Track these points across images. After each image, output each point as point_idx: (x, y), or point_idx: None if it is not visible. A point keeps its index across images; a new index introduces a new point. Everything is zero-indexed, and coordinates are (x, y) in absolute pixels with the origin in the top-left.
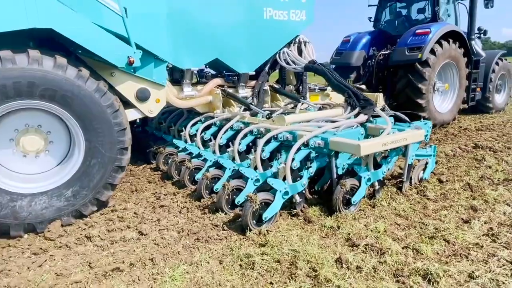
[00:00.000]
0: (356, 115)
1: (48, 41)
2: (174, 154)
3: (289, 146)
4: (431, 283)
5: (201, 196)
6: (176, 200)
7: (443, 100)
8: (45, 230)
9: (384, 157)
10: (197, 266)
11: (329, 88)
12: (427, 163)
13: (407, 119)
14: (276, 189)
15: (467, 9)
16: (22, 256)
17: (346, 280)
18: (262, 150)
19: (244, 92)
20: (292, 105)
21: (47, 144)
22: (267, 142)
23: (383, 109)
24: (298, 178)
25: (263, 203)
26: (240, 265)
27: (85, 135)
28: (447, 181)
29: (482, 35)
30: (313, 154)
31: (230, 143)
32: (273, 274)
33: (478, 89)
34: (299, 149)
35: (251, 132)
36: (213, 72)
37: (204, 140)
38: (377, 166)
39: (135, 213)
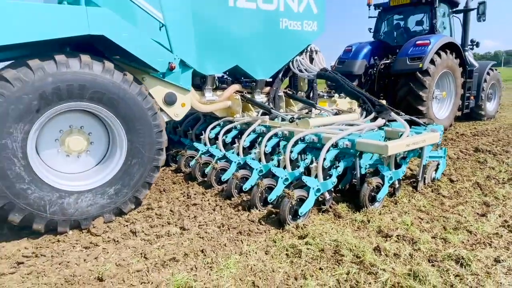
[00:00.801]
0: (372, 120)
1: (79, 46)
2: (194, 157)
3: (314, 147)
4: (463, 266)
5: (231, 195)
6: (206, 199)
7: (440, 107)
8: (89, 226)
9: (403, 158)
10: (246, 256)
11: (336, 95)
12: (438, 164)
13: (421, 122)
14: (310, 186)
15: (461, 22)
16: (74, 250)
17: (388, 265)
18: (291, 151)
19: (259, 98)
20: (306, 110)
21: (89, 144)
22: (295, 143)
23: (398, 114)
24: (328, 177)
25: (298, 199)
26: (287, 254)
27: (127, 136)
28: (457, 180)
29: (474, 47)
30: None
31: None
32: (320, 261)
33: (472, 97)
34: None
35: (275, 134)
36: (229, 78)
37: (225, 143)
38: (396, 166)
39: (171, 210)
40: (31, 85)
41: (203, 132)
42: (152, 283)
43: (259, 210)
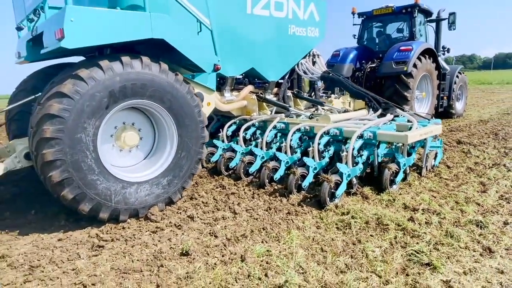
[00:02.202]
0: (379, 116)
1: (114, 48)
2: (214, 153)
3: (336, 139)
4: (482, 228)
5: (264, 184)
6: (242, 188)
7: (420, 106)
8: (145, 214)
9: (412, 147)
10: (303, 230)
11: (333, 96)
12: (436, 153)
13: (425, 117)
14: (343, 172)
15: (434, 30)
16: (143, 234)
17: (425, 230)
18: (318, 144)
19: (270, 97)
20: (313, 109)
21: (139, 139)
22: (321, 137)
23: (402, 110)
24: (355, 164)
25: (335, 183)
26: (337, 227)
27: (178, 131)
28: (453, 166)
29: (446, 52)
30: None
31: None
32: (368, 231)
33: (445, 98)
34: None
35: (298, 130)
36: (246, 79)
37: (245, 139)
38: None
39: (214, 198)
40: (102, 84)
41: (220, 130)
42: (235, 254)
43: (295, 195)
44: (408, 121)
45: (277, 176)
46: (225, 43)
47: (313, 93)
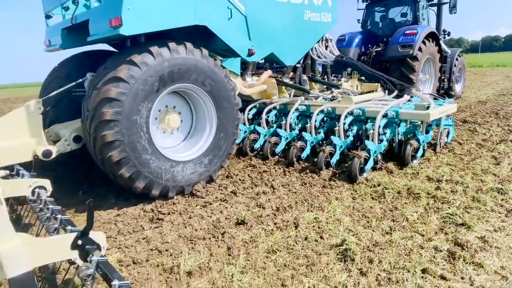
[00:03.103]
0: (395, 97)
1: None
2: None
3: (359, 120)
4: (503, 194)
5: (293, 163)
6: (272, 167)
7: (422, 88)
8: (190, 191)
9: (429, 125)
10: (341, 201)
11: (343, 79)
12: (449, 131)
13: (440, 97)
14: (370, 148)
15: (435, 14)
16: (195, 208)
17: (453, 197)
18: (344, 123)
19: (287, 81)
20: (328, 91)
21: (180, 122)
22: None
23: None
24: (380, 141)
25: (364, 159)
26: (372, 197)
27: (217, 113)
28: (463, 143)
29: (446, 36)
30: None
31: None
32: (401, 199)
33: (446, 80)
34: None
35: (321, 111)
36: (266, 64)
37: (267, 121)
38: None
39: (249, 176)
40: (153, 69)
41: (241, 114)
42: (287, 221)
43: (325, 171)
44: (424, 101)
45: (304, 155)
46: (251, 29)
47: (325, 77)
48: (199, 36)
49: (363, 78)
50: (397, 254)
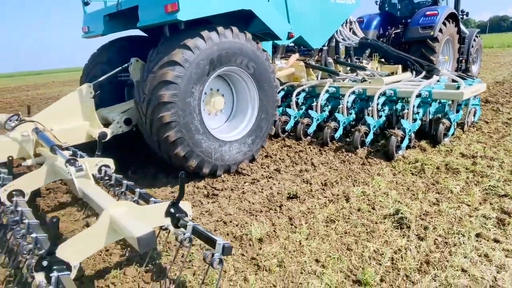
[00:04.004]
0: (424, 77)
1: None
2: None
3: (391, 100)
4: None
5: (327, 143)
6: (307, 147)
7: (442, 69)
8: (235, 169)
9: (459, 105)
10: (383, 176)
11: (364, 61)
12: (475, 110)
13: (468, 77)
14: (405, 127)
15: None
16: (244, 185)
17: (490, 171)
18: (378, 104)
19: (316, 64)
20: (354, 73)
21: (224, 104)
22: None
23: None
24: (413, 121)
25: (400, 138)
26: (412, 173)
27: (259, 95)
28: (490, 122)
29: (465, 16)
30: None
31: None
32: (441, 174)
33: (463, 61)
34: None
35: (353, 92)
36: (295, 47)
37: (297, 103)
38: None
39: (287, 155)
40: (205, 53)
41: None
42: (337, 195)
43: (360, 150)
44: (453, 81)
45: (337, 135)
46: (290, 12)
47: (348, 59)
48: (239, 20)
49: (382, 60)
50: (448, 222)
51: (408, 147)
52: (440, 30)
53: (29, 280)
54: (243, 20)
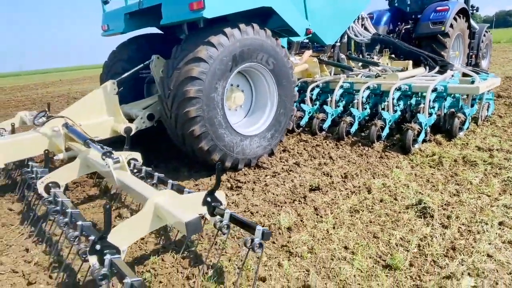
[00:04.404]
0: (437, 72)
1: None
2: None
3: (406, 95)
4: None
5: (342, 137)
6: (323, 141)
7: None
8: (255, 163)
9: (473, 99)
10: (402, 169)
11: (375, 57)
12: (489, 104)
13: (482, 72)
14: (422, 121)
15: None
16: (266, 178)
17: (508, 163)
18: (393, 98)
19: (330, 60)
20: (367, 69)
21: (244, 99)
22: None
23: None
24: (429, 115)
25: (417, 131)
26: (430, 166)
27: (278, 90)
28: (503, 116)
29: (475, 11)
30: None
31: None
32: (459, 167)
33: (473, 56)
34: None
35: (367, 87)
36: (309, 43)
37: (311, 99)
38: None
39: (304, 149)
40: (227, 49)
41: None
42: (358, 187)
43: (378, 144)
44: (465, 75)
45: (353, 129)
46: (308, 9)
47: (360, 55)
48: (256, 17)
49: (393, 56)
50: (470, 211)
51: (424, 141)
52: (451, 26)
53: (73, 266)
54: (261, 17)
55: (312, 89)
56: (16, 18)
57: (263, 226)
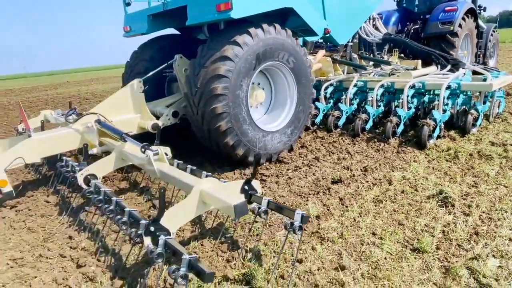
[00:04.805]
0: (449, 71)
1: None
2: None
3: (420, 92)
4: None
5: (358, 134)
6: (338, 139)
7: None
8: (276, 158)
9: (485, 96)
10: (419, 163)
11: (385, 56)
12: (500, 102)
13: (493, 70)
14: (436, 117)
15: None
16: (288, 172)
17: None
18: (408, 96)
19: (344, 60)
20: (378, 68)
21: (265, 97)
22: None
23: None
24: (443, 112)
25: (432, 127)
26: (446, 160)
27: (297, 88)
28: None
29: (482, 11)
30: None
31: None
32: (475, 160)
33: (481, 55)
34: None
35: (382, 86)
36: (323, 43)
37: (325, 97)
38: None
39: (322, 145)
40: (252, 48)
41: None
42: (379, 179)
43: (394, 140)
44: (475, 73)
45: (368, 126)
46: (327, 9)
47: (371, 54)
48: (275, 17)
49: (401, 55)
50: (489, 201)
51: (438, 136)
52: (460, 25)
53: (117, 251)
54: (280, 16)
55: (326, 88)
56: (17, 20)
57: None
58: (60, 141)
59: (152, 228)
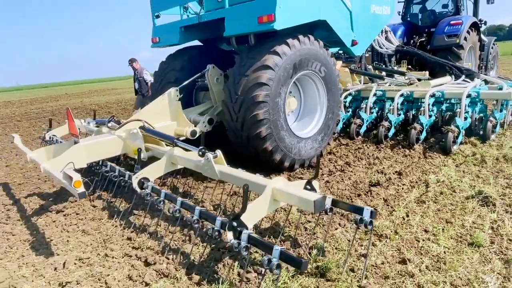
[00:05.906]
0: (463, 81)
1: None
2: None
3: (438, 101)
4: None
5: (381, 141)
6: (363, 145)
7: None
8: (308, 164)
9: (502, 105)
10: (448, 167)
11: (395, 67)
12: None
13: (508, 80)
14: (459, 124)
15: (473, 3)
16: (323, 176)
17: None
18: (429, 104)
19: (362, 70)
20: (392, 78)
21: (297, 104)
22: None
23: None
24: (465, 119)
25: (456, 134)
26: (474, 164)
27: (327, 96)
28: None
29: (483, 25)
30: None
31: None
32: (501, 164)
33: (483, 67)
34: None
35: (402, 95)
36: (343, 54)
37: (344, 105)
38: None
39: (349, 151)
40: (289, 58)
41: None
42: (416, 181)
43: (418, 146)
44: (487, 81)
45: (390, 133)
46: (354, 22)
47: (383, 65)
48: (305, 29)
49: (409, 66)
50: None
51: (460, 142)
52: (465, 38)
53: (183, 250)
54: (309, 28)
55: (345, 97)
56: (6, 34)
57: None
58: (104, 147)
59: (234, 223)
